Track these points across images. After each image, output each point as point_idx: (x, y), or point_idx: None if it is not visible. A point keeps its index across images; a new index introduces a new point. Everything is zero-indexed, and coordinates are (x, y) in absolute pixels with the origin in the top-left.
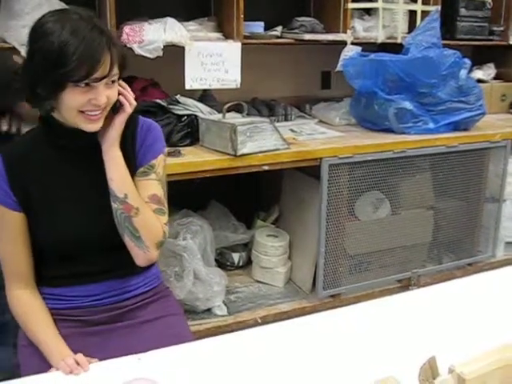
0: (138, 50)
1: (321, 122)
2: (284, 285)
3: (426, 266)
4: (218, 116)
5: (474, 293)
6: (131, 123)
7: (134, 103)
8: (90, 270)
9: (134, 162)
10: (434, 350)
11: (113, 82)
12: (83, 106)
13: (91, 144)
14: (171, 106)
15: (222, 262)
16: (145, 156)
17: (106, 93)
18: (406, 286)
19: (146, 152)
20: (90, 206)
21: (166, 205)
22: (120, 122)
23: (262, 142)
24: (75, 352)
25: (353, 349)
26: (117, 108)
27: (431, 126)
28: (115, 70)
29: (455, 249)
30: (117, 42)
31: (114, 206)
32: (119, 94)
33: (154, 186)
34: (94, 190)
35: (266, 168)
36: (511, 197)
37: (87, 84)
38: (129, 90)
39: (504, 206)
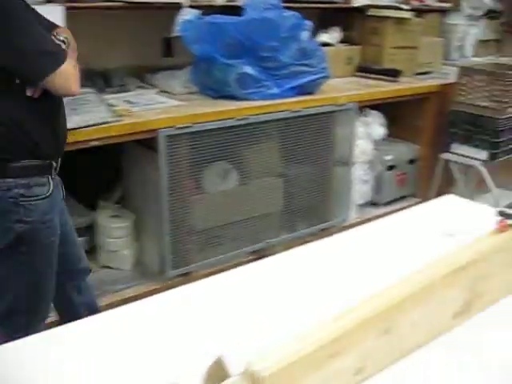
0: None
1: (163, 91)
2: (132, 268)
3: (279, 235)
4: None
5: (317, 259)
6: None
7: None
8: None
9: None
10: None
11: None
12: None
13: None
14: None
15: None
16: None
17: None
18: (259, 257)
19: None
20: None
21: None
22: None
23: (88, 116)
24: None
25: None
26: None
27: (275, 90)
28: None
29: (308, 215)
30: None
31: None
32: None
33: None
34: None
35: (96, 143)
36: (360, 160)
37: None
38: None
39: (353, 169)
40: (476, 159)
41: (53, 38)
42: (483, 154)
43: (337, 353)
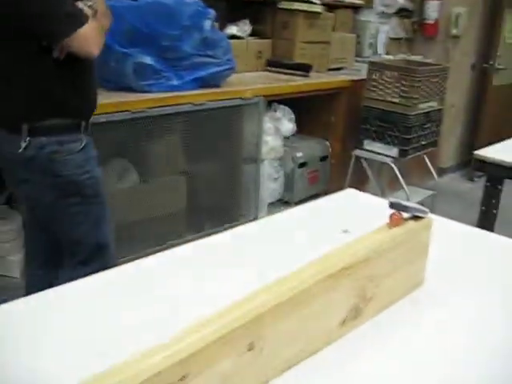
0: None
1: None
2: (21, 275)
3: (183, 236)
4: None
5: (200, 259)
6: None
7: None
8: None
9: None
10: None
11: None
12: None
13: None
14: None
15: None
16: None
17: None
18: None
19: None
20: None
21: None
22: None
23: None
24: None
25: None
26: None
27: (175, 82)
28: None
29: (216, 214)
30: None
31: None
32: None
33: None
34: None
35: None
36: (269, 156)
37: None
38: None
39: (262, 167)
40: (387, 156)
41: (78, 2)
42: (394, 151)
43: (183, 377)
